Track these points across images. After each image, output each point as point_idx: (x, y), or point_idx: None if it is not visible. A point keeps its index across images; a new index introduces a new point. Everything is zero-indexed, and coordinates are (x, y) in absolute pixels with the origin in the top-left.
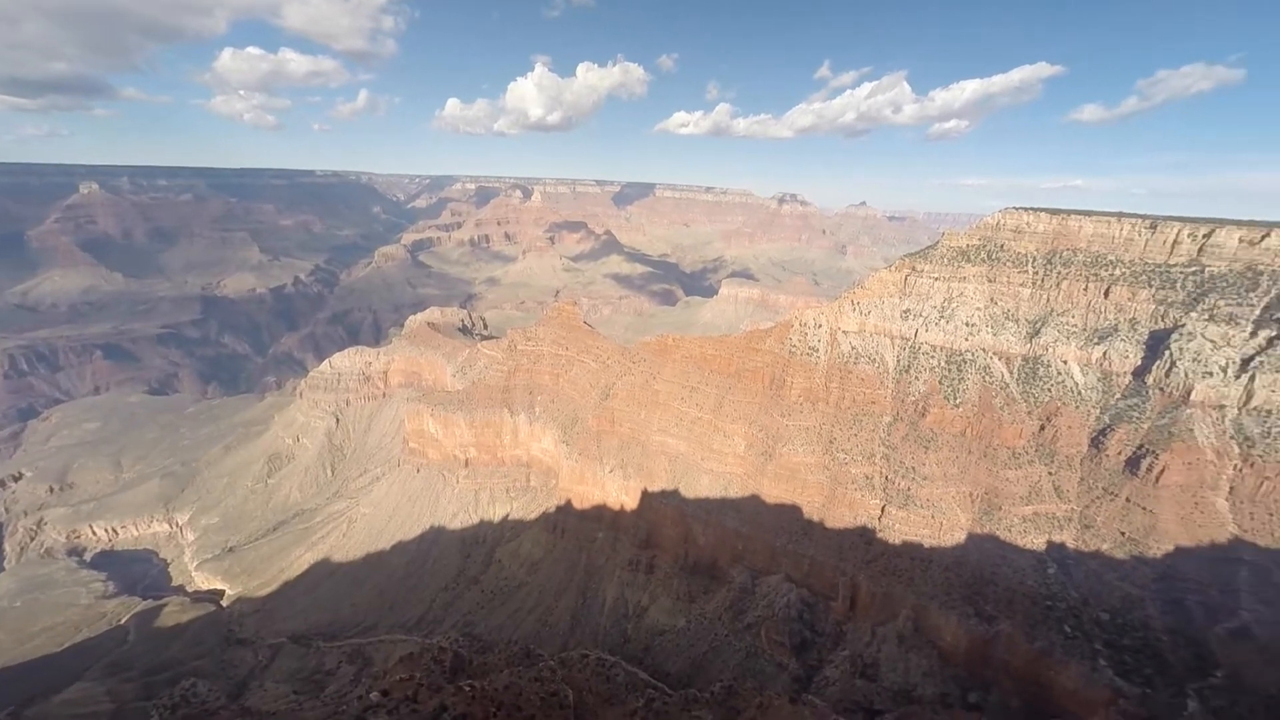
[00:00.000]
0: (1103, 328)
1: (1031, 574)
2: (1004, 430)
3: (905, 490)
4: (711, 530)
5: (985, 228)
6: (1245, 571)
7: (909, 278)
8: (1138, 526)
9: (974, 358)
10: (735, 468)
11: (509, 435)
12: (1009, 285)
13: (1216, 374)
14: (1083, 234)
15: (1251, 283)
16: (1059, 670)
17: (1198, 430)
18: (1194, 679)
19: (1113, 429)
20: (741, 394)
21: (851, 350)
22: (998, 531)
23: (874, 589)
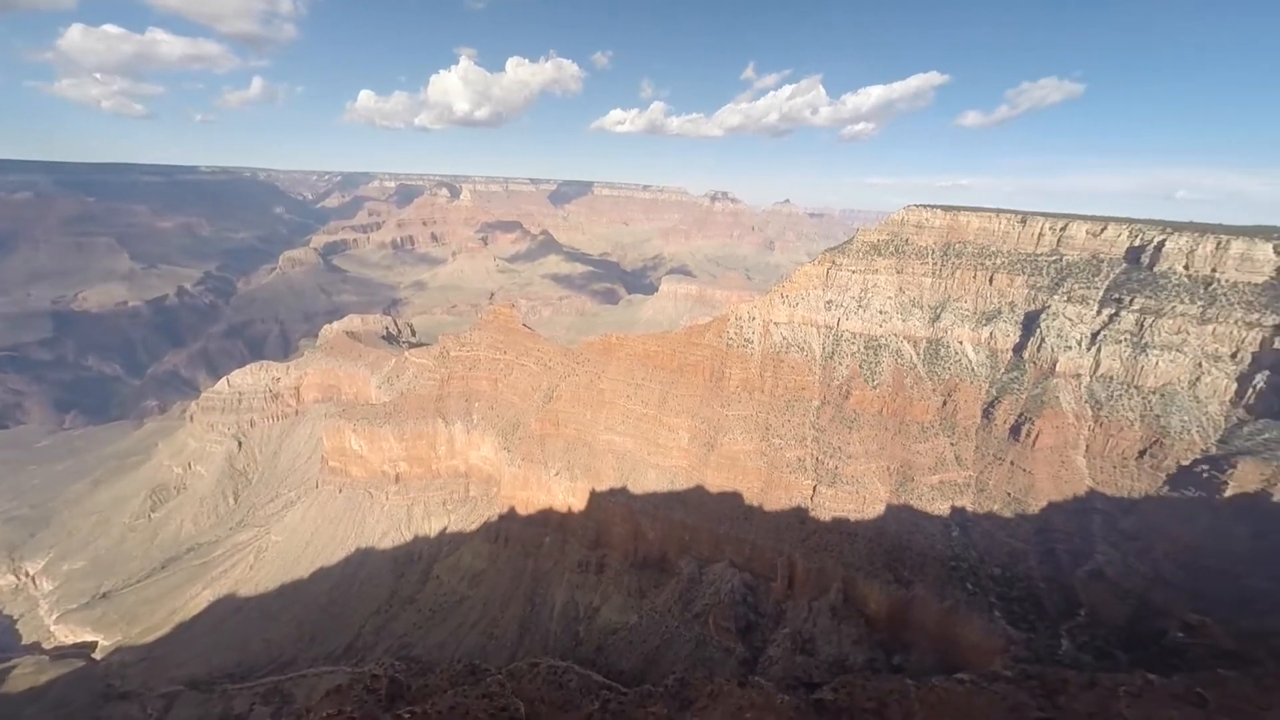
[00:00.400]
0: (988, 311)
1: (939, 538)
2: (914, 407)
3: (833, 469)
4: (660, 524)
5: (892, 224)
6: (1098, 519)
7: (830, 271)
8: (1020, 486)
9: (887, 342)
10: (680, 461)
11: (444, 446)
12: (914, 275)
13: (1074, 347)
14: (970, 228)
15: (1095, 268)
16: (964, 625)
17: (1062, 397)
18: (1065, 620)
19: (999, 400)
20: (684, 388)
21: (782, 340)
22: (911, 501)
23: (808, 566)
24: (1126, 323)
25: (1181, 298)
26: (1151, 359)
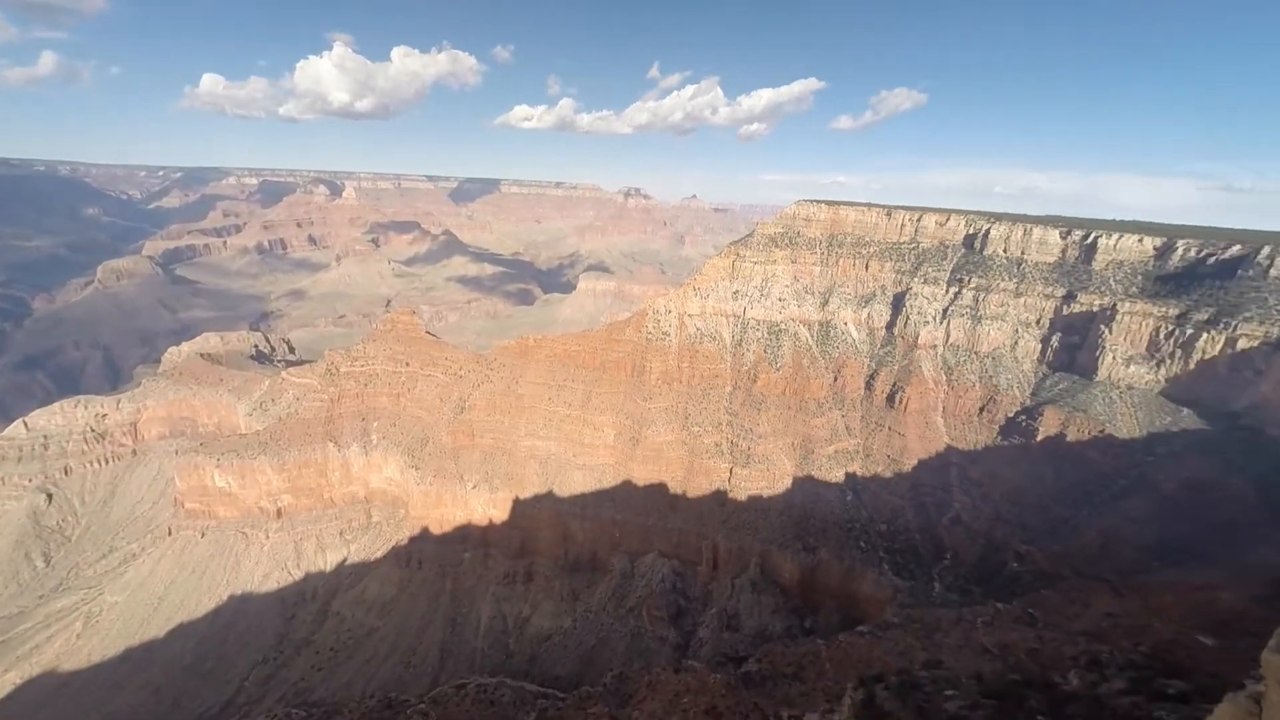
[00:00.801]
0: (866, 294)
1: (837, 504)
2: (810, 385)
3: (746, 450)
4: (589, 524)
5: (785, 218)
6: (954, 471)
7: (735, 263)
8: (896, 449)
9: (786, 327)
10: (607, 458)
11: (338, 472)
12: (805, 265)
13: (930, 322)
14: (849, 221)
15: (943, 254)
16: (860, 581)
17: (924, 366)
18: (936, 564)
19: (877, 373)
20: (607, 385)
21: (697, 331)
22: (812, 472)
23: (730, 545)
24: (966, 299)
25: (1003, 276)
26: (985, 328)
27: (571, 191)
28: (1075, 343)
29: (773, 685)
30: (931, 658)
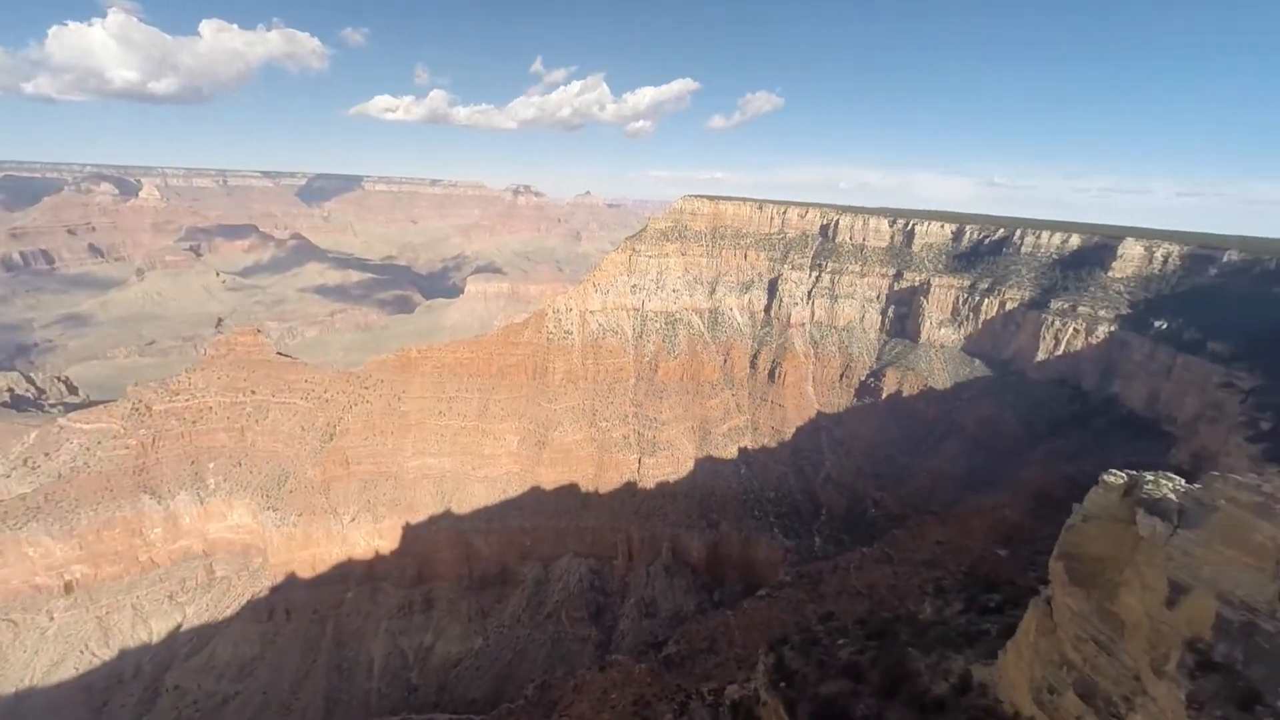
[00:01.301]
0: (745, 281)
1: (733, 478)
2: (704, 369)
3: (652, 439)
4: (495, 537)
5: (674, 212)
6: (824, 433)
7: (631, 258)
8: (778, 419)
9: (681, 316)
10: (511, 466)
11: (160, 528)
12: (694, 256)
13: (799, 303)
14: (728, 215)
15: (805, 242)
16: (756, 548)
17: (796, 342)
18: (814, 520)
19: (759, 352)
20: (506, 391)
21: (599, 327)
22: (711, 452)
23: (643, 535)
24: (825, 281)
25: (850, 260)
26: (840, 306)
27: (452, 189)
28: (904, 313)
29: (691, 663)
30: (823, 609)
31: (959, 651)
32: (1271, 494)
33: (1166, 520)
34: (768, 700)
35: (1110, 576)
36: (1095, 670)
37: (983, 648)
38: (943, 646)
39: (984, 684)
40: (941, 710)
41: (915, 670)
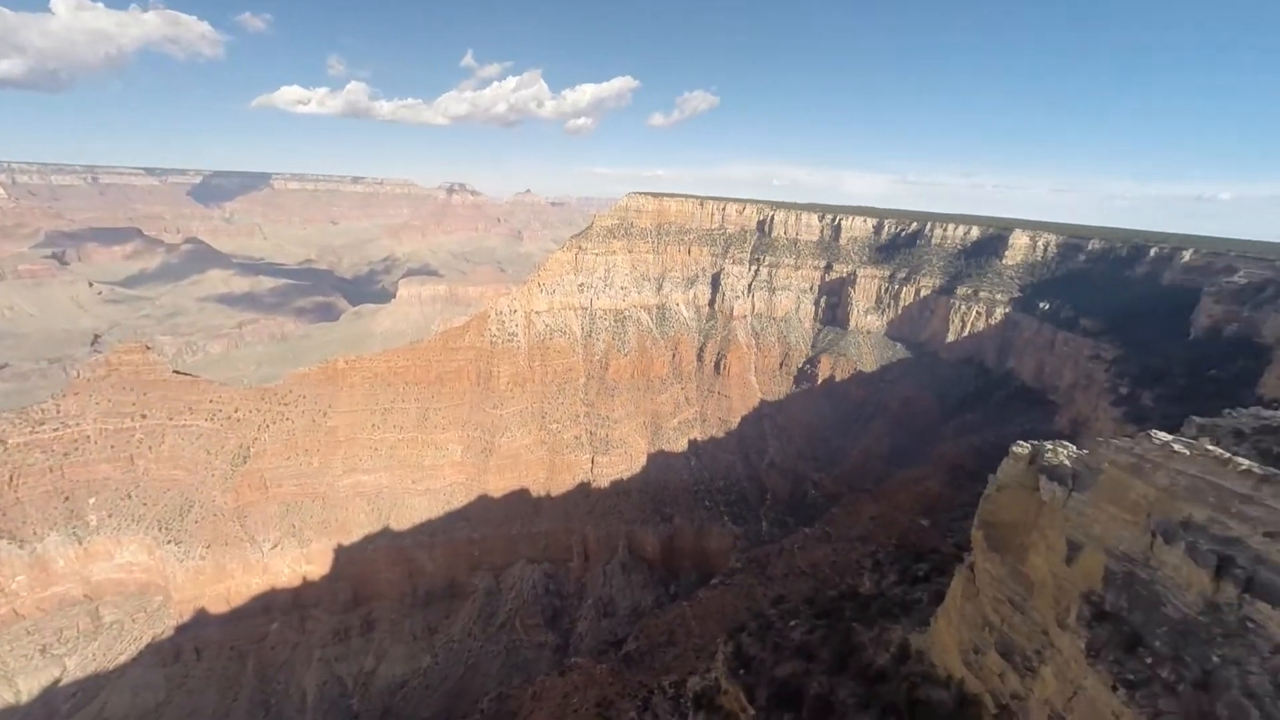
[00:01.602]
0: (690, 276)
1: (685, 471)
2: (654, 365)
3: (605, 437)
4: (441, 551)
5: (620, 210)
6: (767, 421)
7: (578, 256)
8: (724, 409)
9: (630, 314)
10: (455, 476)
11: (27, 574)
12: (641, 253)
13: (740, 296)
14: (672, 211)
15: (744, 237)
16: (708, 537)
17: (739, 334)
18: (761, 506)
19: (706, 346)
20: (447, 399)
21: (546, 328)
22: (663, 446)
23: (598, 534)
24: (763, 274)
25: (785, 253)
26: (778, 297)
27: (377, 187)
28: (835, 302)
29: (651, 658)
30: (772, 592)
31: (897, 621)
32: (1143, 455)
33: (1063, 485)
34: (728, 689)
35: (1021, 540)
36: (1011, 628)
37: (917, 616)
38: (883, 618)
39: (920, 651)
40: (884, 680)
41: (861, 644)
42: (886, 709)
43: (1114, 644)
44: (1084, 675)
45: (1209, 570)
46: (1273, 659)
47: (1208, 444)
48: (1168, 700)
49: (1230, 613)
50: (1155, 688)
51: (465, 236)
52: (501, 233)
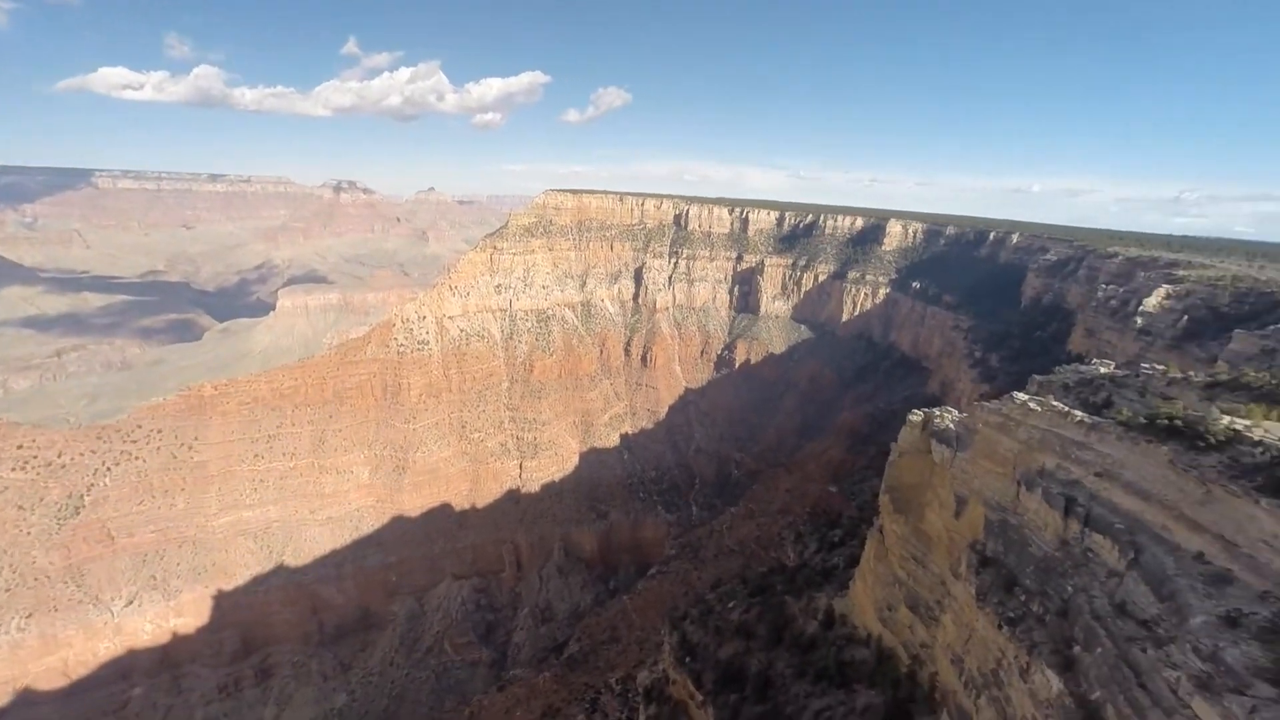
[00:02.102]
0: (614, 272)
1: (618, 465)
2: (582, 363)
3: (533, 441)
4: (351, 582)
5: (537, 207)
6: (692, 407)
7: (493, 256)
8: (652, 401)
9: (554, 312)
10: (364, 500)
11: None
12: (562, 251)
13: (662, 289)
14: (593, 207)
15: (663, 232)
16: (643, 529)
17: (663, 326)
18: (690, 491)
19: (632, 339)
20: (348, 418)
21: (461, 333)
22: (595, 443)
23: (531, 540)
24: (682, 267)
25: (701, 246)
26: (696, 288)
27: (244, 186)
28: (747, 290)
29: (595, 657)
30: (708, 575)
31: (821, 589)
32: (1008, 414)
33: (950, 446)
34: (676, 678)
35: (919, 500)
36: (916, 582)
37: (838, 581)
38: (809, 588)
39: (843, 615)
40: (815, 647)
41: (792, 615)
42: (819, 675)
43: (996, 587)
44: (975, 618)
45: (1059, 511)
46: (1108, 583)
47: (1051, 400)
48: (1040, 631)
49: (1076, 546)
50: (1030, 622)
51: (358, 238)
52: (403, 234)
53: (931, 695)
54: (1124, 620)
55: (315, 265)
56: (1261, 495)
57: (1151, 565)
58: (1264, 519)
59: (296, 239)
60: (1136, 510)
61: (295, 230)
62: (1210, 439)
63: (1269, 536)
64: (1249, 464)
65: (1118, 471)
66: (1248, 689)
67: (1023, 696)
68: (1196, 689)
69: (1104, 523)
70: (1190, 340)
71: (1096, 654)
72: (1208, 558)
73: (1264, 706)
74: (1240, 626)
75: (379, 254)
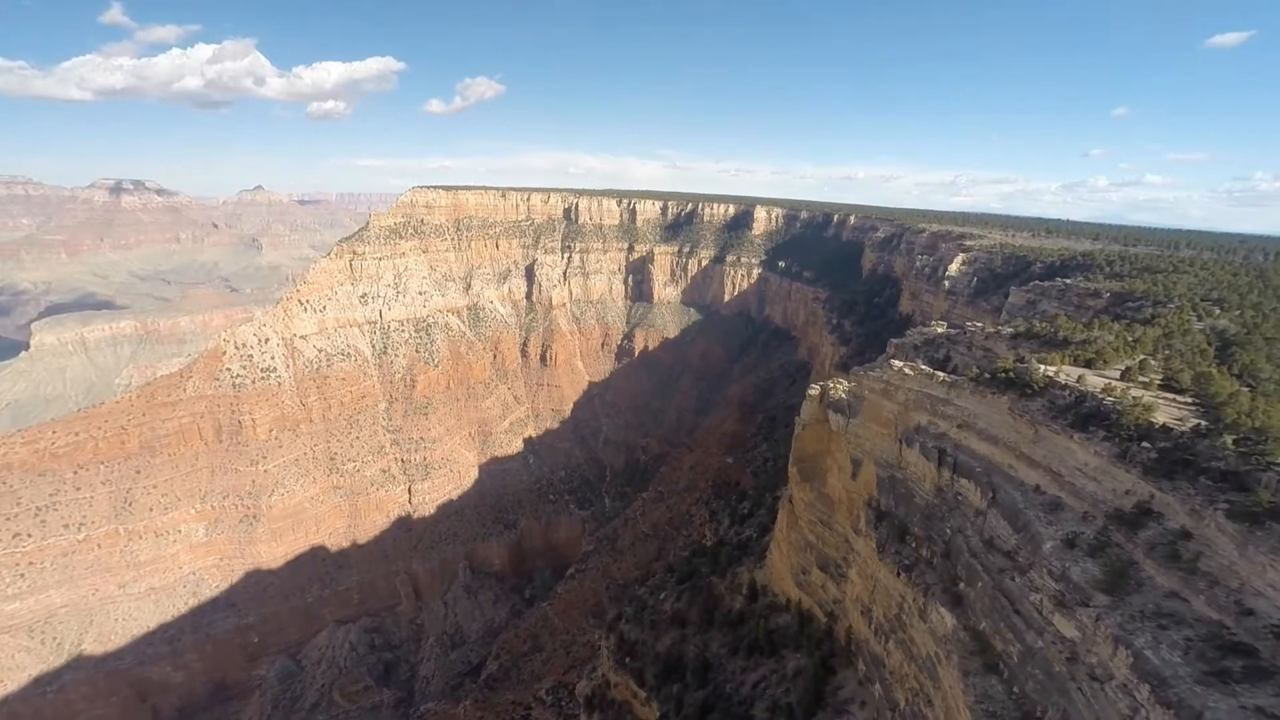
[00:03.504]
0: (502, 271)
1: (523, 471)
2: (474, 370)
3: (423, 462)
4: (194, 654)
5: (404, 206)
6: (596, 400)
7: (354, 262)
8: (556, 399)
9: (436, 320)
10: (201, 560)
11: None
12: (439, 252)
13: (557, 285)
14: (470, 204)
15: (553, 226)
16: (556, 531)
17: (561, 323)
18: (601, 484)
19: (529, 340)
20: (166, 471)
21: (320, 354)
22: (495, 452)
23: (429, 566)
24: (576, 261)
25: (593, 238)
26: (592, 281)
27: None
28: (640, 279)
29: (519, 671)
30: (630, 564)
31: (741, 563)
32: (888, 380)
33: (844, 414)
34: (618, 680)
35: (821, 467)
36: (824, 544)
37: (755, 552)
38: (730, 564)
39: (764, 585)
40: (743, 621)
41: (720, 595)
42: (751, 648)
43: (892, 537)
44: (877, 569)
45: (933, 462)
46: (976, 521)
47: (921, 364)
48: (930, 574)
49: (949, 491)
50: (921, 566)
51: (157, 251)
52: (225, 242)
53: (848, 647)
54: (993, 554)
55: (91, 286)
56: (1074, 430)
57: (1006, 501)
58: (1077, 450)
59: (53, 256)
60: (989, 453)
61: (52, 244)
62: (1034, 386)
63: (1082, 465)
64: (1062, 405)
65: (973, 421)
66: (1090, 601)
67: (924, 636)
68: (1055, 607)
69: (967, 468)
70: (980, 296)
71: (978, 588)
72: (1043, 488)
73: (1105, 614)
74: (1076, 546)
75: (192, 268)
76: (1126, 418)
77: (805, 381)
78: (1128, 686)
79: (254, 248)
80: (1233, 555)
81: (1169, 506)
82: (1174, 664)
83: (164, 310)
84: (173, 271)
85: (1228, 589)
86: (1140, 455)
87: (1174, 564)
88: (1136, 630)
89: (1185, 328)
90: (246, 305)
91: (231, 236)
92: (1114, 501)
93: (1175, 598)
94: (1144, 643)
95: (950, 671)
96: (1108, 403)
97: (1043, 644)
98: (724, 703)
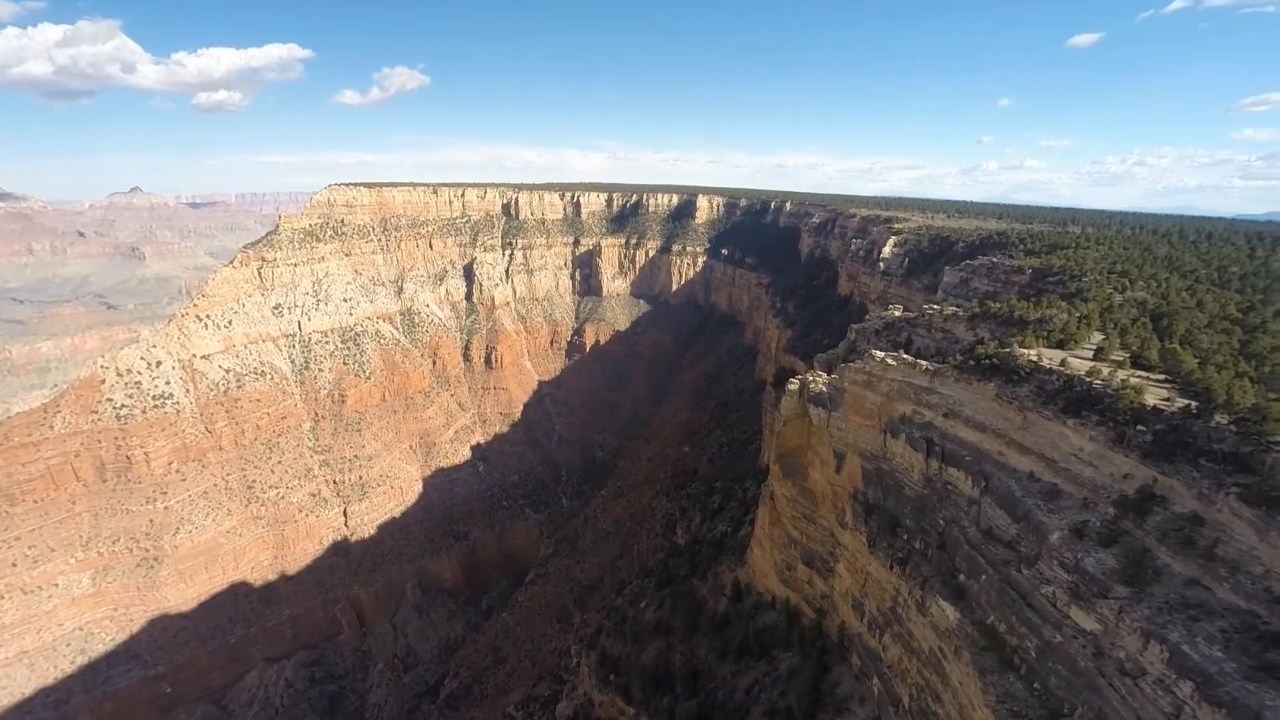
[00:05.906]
0: (437, 272)
1: (472, 480)
2: (411, 379)
3: (358, 481)
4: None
5: (320, 206)
6: (548, 399)
7: (263, 270)
8: (504, 402)
9: (365, 328)
10: (89, 613)
11: None
12: (364, 255)
13: (499, 284)
14: (397, 202)
15: (492, 223)
16: (512, 538)
17: (505, 323)
18: (558, 484)
19: (471, 342)
20: (34, 519)
21: (227, 374)
22: (440, 463)
23: (372, 590)
24: (519, 258)
25: (536, 234)
26: (537, 278)
27: None
28: (588, 273)
29: (480, 686)
30: (593, 564)
31: (720, 561)
32: (870, 371)
33: (825, 407)
34: (602, 699)
35: (803, 462)
36: (809, 539)
37: (733, 550)
38: (710, 565)
39: (748, 584)
40: (729, 623)
41: (703, 599)
42: (740, 650)
43: (883, 531)
44: (868, 563)
45: (921, 453)
46: (970, 511)
47: (902, 354)
48: (926, 566)
49: (938, 481)
50: (916, 559)
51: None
52: (96, 252)
53: (840, 643)
54: (994, 545)
55: None
56: (1066, 416)
57: (1001, 490)
58: (1071, 436)
59: None
60: (977, 441)
61: None
62: (1020, 372)
63: (1077, 450)
64: (1051, 390)
65: (959, 410)
66: (1109, 592)
67: (924, 630)
68: (1072, 599)
69: (956, 457)
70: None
71: (982, 580)
72: (1037, 475)
73: (1128, 605)
74: (1086, 536)
75: (53, 284)
76: (1119, 401)
77: (753, 365)
78: (1165, 682)
79: (134, 258)
80: (1252, 540)
81: (1173, 490)
82: (1216, 659)
83: (17, 335)
84: (26, 289)
85: (1252, 576)
86: (1137, 439)
87: (1190, 551)
88: (1168, 623)
89: (1110, 302)
90: (129, 324)
91: (104, 246)
92: (1114, 487)
93: (1197, 586)
94: (1179, 636)
95: (960, 667)
96: (1097, 386)
97: (1061, 638)
98: (718, 711)
